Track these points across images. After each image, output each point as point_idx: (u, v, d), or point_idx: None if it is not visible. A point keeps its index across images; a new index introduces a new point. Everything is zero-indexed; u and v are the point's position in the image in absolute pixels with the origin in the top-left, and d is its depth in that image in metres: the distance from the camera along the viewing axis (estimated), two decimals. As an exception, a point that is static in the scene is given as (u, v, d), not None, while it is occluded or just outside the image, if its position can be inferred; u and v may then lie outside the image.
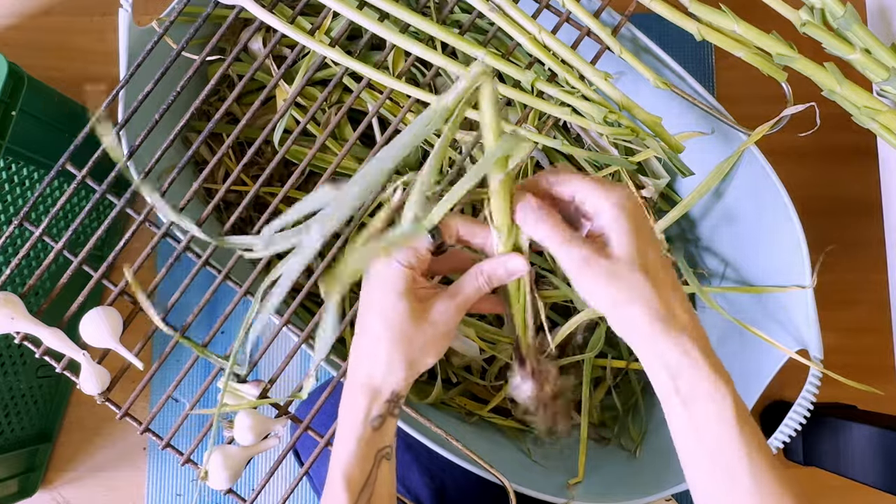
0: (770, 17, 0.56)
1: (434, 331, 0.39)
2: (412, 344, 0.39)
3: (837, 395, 0.93)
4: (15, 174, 0.77)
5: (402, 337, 0.39)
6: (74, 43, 1.03)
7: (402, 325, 0.39)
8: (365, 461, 0.40)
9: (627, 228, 0.37)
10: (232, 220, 0.56)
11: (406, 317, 0.39)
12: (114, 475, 0.99)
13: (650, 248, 0.38)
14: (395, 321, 0.39)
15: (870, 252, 1.04)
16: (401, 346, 0.39)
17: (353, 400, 0.40)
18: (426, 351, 0.40)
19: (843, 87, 0.54)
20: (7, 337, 0.80)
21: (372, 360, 0.40)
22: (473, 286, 0.40)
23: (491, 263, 0.40)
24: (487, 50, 0.56)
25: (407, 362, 0.39)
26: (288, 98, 0.58)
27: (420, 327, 0.39)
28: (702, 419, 0.37)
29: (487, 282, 0.40)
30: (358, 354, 0.41)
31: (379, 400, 0.40)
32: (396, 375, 0.40)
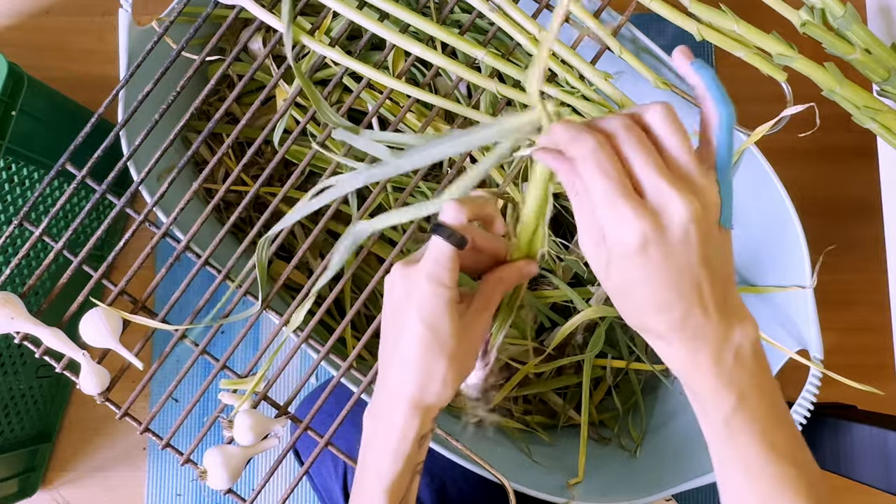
0: (770, 17, 0.56)
1: (475, 344, 0.40)
2: (462, 361, 0.39)
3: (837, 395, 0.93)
4: (15, 174, 0.77)
5: (454, 355, 0.39)
6: (74, 43, 1.03)
7: (451, 345, 0.38)
8: (405, 476, 0.40)
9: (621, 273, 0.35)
10: (232, 220, 0.56)
11: (455, 336, 0.38)
12: (114, 475, 0.99)
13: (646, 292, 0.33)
14: (448, 341, 0.38)
15: (870, 252, 1.04)
16: (454, 365, 0.39)
17: (401, 416, 0.40)
18: (468, 365, 0.41)
19: (843, 87, 0.54)
20: (7, 337, 0.80)
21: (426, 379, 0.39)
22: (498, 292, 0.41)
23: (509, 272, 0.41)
24: (487, 50, 0.56)
25: (458, 379, 0.40)
26: (288, 98, 0.58)
27: (465, 343, 0.39)
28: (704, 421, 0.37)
29: (506, 288, 0.41)
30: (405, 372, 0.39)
31: (429, 417, 0.40)
32: (449, 393, 0.40)
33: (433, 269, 0.38)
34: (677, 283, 0.32)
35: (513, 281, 0.41)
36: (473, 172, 0.39)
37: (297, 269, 0.84)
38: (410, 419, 0.40)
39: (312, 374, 0.55)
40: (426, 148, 0.42)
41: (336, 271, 0.49)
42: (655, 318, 0.34)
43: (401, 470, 0.40)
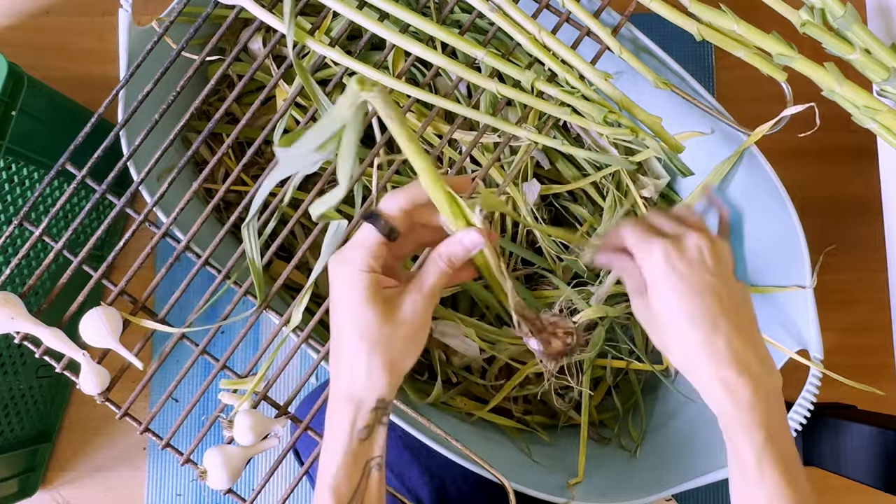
0: (770, 17, 0.56)
1: (408, 329, 0.38)
2: (389, 347, 0.38)
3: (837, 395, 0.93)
4: (15, 174, 0.77)
5: (377, 342, 0.38)
6: (74, 43, 1.03)
7: (375, 330, 0.38)
8: (353, 473, 0.39)
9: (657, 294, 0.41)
10: (232, 219, 0.56)
11: (377, 321, 0.38)
12: (114, 475, 0.99)
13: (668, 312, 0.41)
14: (368, 328, 0.38)
15: (870, 252, 1.04)
16: (378, 352, 0.38)
17: (338, 411, 0.39)
18: (405, 351, 0.39)
19: (843, 87, 0.54)
20: (7, 337, 0.80)
21: (351, 370, 0.39)
22: (436, 272, 0.39)
23: (447, 245, 0.39)
24: (487, 50, 0.56)
25: (387, 367, 0.38)
26: (288, 98, 0.58)
27: (394, 329, 0.38)
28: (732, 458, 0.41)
29: (449, 264, 0.39)
30: (336, 365, 0.40)
31: (363, 410, 0.39)
32: (378, 382, 0.38)
33: (350, 256, 0.38)
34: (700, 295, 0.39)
35: (454, 252, 0.39)
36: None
37: (297, 269, 0.84)
38: (343, 413, 0.39)
39: (312, 374, 0.55)
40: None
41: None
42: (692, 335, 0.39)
43: (342, 465, 0.39)
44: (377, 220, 0.38)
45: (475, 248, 0.39)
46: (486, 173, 0.59)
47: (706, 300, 0.39)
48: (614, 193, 0.78)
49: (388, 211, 0.38)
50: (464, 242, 0.39)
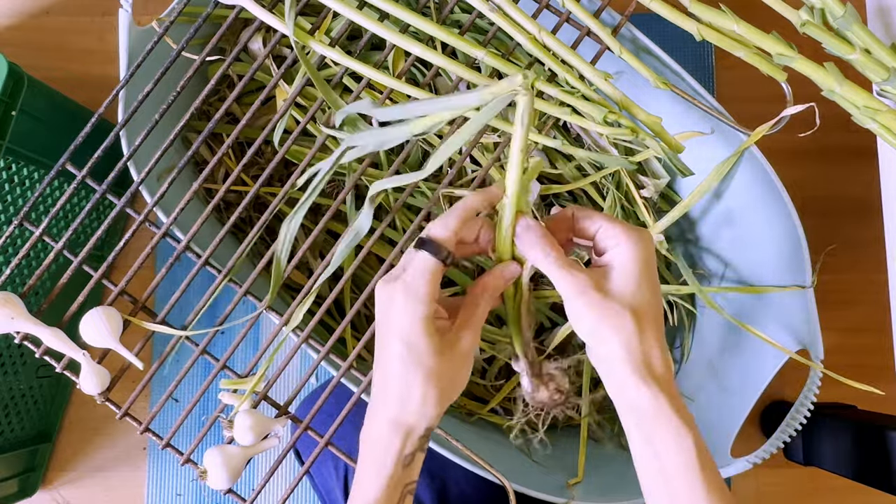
0: (770, 17, 0.56)
1: (461, 362, 0.39)
2: (443, 379, 0.39)
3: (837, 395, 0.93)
4: (15, 174, 0.77)
5: (432, 373, 0.38)
6: (74, 43, 1.03)
7: (431, 361, 0.38)
8: (391, 498, 0.40)
9: (633, 267, 0.39)
10: (232, 220, 0.56)
11: (433, 352, 0.38)
12: (114, 475, 0.99)
13: (649, 292, 0.39)
14: (424, 358, 0.38)
15: (870, 252, 1.04)
16: (433, 383, 0.38)
17: (384, 436, 0.40)
18: (456, 382, 0.40)
19: (843, 87, 0.54)
20: (7, 337, 0.80)
21: (404, 398, 0.39)
22: (484, 308, 0.40)
23: (490, 278, 0.41)
24: (487, 50, 0.56)
25: (441, 398, 0.39)
26: (288, 98, 0.58)
27: (449, 361, 0.39)
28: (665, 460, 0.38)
29: (493, 296, 0.41)
30: (384, 390, 0.40)
31: (412, 437, 0.39)
32: (431, 411, 0.39)
33: (412, 285, 0.38)
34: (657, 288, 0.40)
35: (497, 286, 0.41)
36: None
37: (297, 269, 0.84)
38: (391, 439, 0.39)
39: (312, 374, 0.55)
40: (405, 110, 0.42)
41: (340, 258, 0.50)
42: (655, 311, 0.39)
43: (384, 491, 0.39)
44: (433, 246, 0.38)
45: (513, 278, 0.41)
46: (486, 173, 0.59)
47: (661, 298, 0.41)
48: (614, 193, 0.78)
49: (441, 236, 0.39)
50: (505, 275, 0.41)
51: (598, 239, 0.41)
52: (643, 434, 0.39)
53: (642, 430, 0.39)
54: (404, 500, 0.40)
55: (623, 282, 0.38)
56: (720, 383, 0.75)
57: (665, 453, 0.38)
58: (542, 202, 0.82)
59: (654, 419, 0.38)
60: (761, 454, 0.61)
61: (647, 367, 0.38)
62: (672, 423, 0.38)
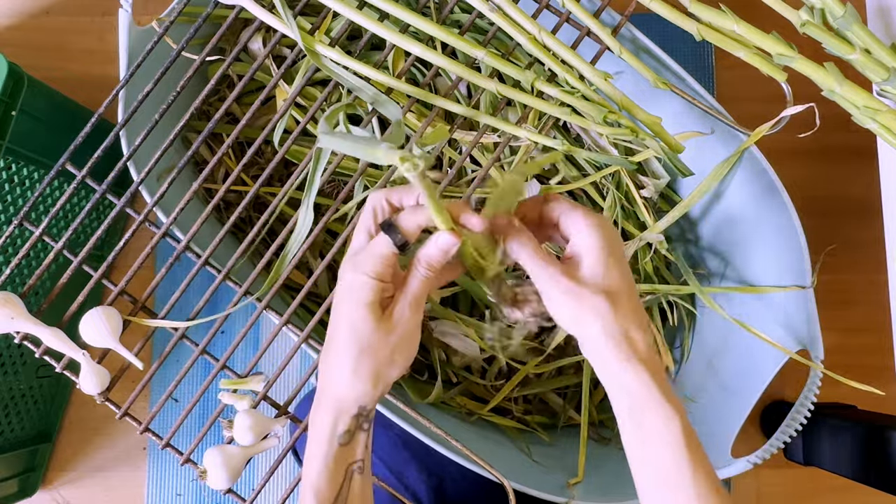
0: (770, 17, 0.56)
1: (396, 337, 0.39)
2: (378, 356, 0.39)
3: (837, 395, 0.93)
4: (15, 174, 0.77)
5: (367, 349, 0.39)
6: (74, 43, 1.03)
7: (368, 337, 0.38)
8: (335, 477, 0.40)
9: (599, 252, 0.39)
10: (232, 219, 0.56)
11: (372, 328, 0.38)
12: (114, 475, 0.99)
13: (618, 273, 0.40)
14: (362, 334, 0.38)
15: (870, 252, 1.04)
16: (366, 359, 0.39)
17: (320, 415, 0.40)
18: (392, 360, 0.39)
19: (843, 87, 0.54)
20: (7, 337, 0.80)
21: (338, 375, 0.39)
22: (418, 279, 0.40)
23: (424, 249, 0.40)
24: (487, 50, 0.56)
25: (373, 375, 0.39)
26: (288, 98, 0.58)
27: (383, 336, 0.39)
28: (653, 441, 0.39)
29: (428, 268, 0.40)
30: (325, 369, 0.41)
31: (345, 415, 0.39)
32: (362, 389, 0.39)
33: (363, 261, 0.39)
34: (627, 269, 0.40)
35: (432, 256, 0.40)
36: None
37: (296, 269, 0.84)
38: (324, 418, 0.40)
39: (312, 373, 0.55)
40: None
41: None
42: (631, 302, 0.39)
43: (324, 468, 0.39)
44: (395, 232, 0.39)
45: (449, 249, 0.39)
46: (486, 173, 0.59)
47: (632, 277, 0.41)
48: (614, 193, 0.78)
49: (406, 227, 0.39)
50: (438, 244, 0.39)
51: (561, 227, 0.41)
52: (633, 419, 0.39)
53: (632, 415, 0.39)
54: (351, 478, 0.40)
55: (591, 267, 0.39)
56: (720, 383, 0.75)
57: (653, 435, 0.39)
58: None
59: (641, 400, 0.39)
60: (761, 454, 0.61)
61: (630, 344, 0.39)
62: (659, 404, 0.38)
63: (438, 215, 0.39)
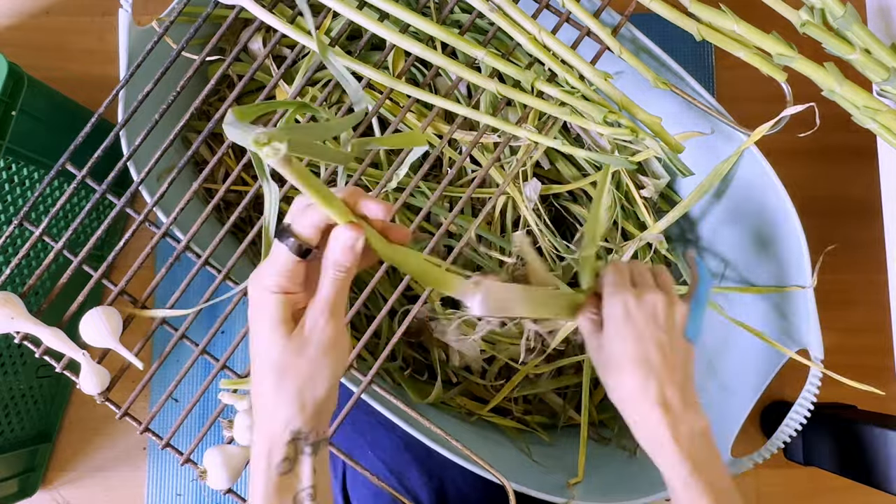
0: (770, 17, 0.56)
1: (315, 350, 0.35)
2: (296, 375, 0.35)
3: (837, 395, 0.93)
4: (15, 174, 0.77)
5: (283, 371, 0.35)
6: (74, 43, 1.03)
7: (279, 359, 0.35)
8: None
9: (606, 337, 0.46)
10: (232, 219, 0.56)
11: (282, 349, 0.35)
12: (114, 475, 0.99)
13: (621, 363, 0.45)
14: (273, 356, 0.35)
15: (870, 252, 1.04)
16: (285, 382, 0.35)
17: (256, 446, 0.37)
18: (314, 375, 0.36)
19: (843, 87, 0.54)
20: (7, 337, 0.80)
21: (261, 403, 0.36)
22: (329, 282, 0.36)
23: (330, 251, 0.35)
24: (487, 50, 0.56)
25: (296, 396, 0.35)
26: (288, 98, 0.58)
27: (298, 353, 0.35)
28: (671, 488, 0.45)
29: (338, 268, 0.35)
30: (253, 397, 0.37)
31: (278, 443, 0.36)
32: (287, 413, 0.36)
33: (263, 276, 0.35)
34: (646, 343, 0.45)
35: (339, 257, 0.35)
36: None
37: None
38: (259, 450, 0.36)
39: (312, 374, 0.55)
40: None
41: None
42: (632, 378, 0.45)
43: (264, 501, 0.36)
44: (287, 238, 0.35)
45: (353, 244, 0.35)
46: (486, 173, 0.59)
47: (650, 349, 0.45)
48: (614, 193, 0.78)
49: (300, 230, 0.35)
50: (339, 241, 0.35)
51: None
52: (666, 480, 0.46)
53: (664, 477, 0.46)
54: None
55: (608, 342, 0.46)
56: (720, 383, 0.75)
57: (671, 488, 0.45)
58: (543, 202, 0.82)
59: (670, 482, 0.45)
60: (761, 454, 0.61)
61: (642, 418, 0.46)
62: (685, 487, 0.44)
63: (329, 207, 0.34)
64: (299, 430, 0.36)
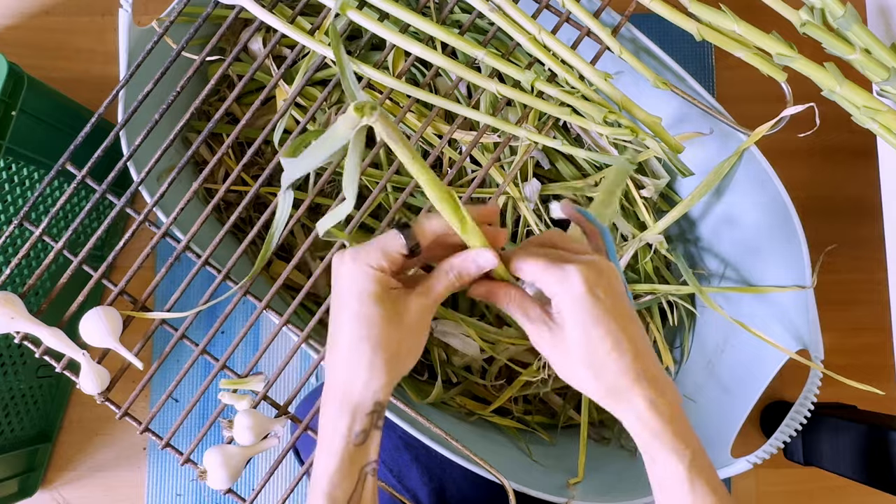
0: (770, 17, 0.56)
1: (410, 332, 0.38)
2: (390, 349, 0.37)
3: (837, 395, 0.93)
4: (15, 174, 0.77)
5: (379, 343, 0.37)
6: (74, 43, 1.03)
7: (378, 330, 0.37)
8: (349, 479, 0.38)
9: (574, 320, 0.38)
10: (232, 219, 0.56)
11: (382, 322, 0.37)
12: (114, 475, 0.99)
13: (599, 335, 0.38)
14: (371, 327, 0.37)
15: (870, 252, 1.04)
16: (380, 353, 0.37)
17: (333, 414, 0.38)
18: (405, 354, 0.38)
19: (843, 87, 0.54)
20: (7, 337, 0.80)
21: (351, 371, 0.38)
22: (444, 283, 0.39)
23: (461, 258, 0.39)
24: (487, 50, 0.56)
25: (388, 369, 0.37)
26: (288, 98, 0.58)
27: (397, 331, 0.37)
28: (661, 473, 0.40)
29: (458, 278, 0.39)
30: (334, 367, 0.39)
31: (360, 413, 0.38)
32: (377, 384, 0.37)
33: (367, 254, 0.37)
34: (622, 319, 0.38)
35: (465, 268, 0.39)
36: None
37: (297, 270, 0.84)
38: (340, 414, 0.38)
39: (312, 373, 0.55)
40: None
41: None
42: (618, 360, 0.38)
43: (337, 471, 0.38)
44: (408, 234, 0.38)
45: (485, 268, 0.39)
46: (486, 173, 0.59)
47: (627, 325, 0.38)
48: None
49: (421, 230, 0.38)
50: (477, 261, 0.39)
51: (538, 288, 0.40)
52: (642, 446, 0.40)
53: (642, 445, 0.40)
54: (365, 481, 0.39)
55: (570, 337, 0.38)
56: (720, 383, 0.75)
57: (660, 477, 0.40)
58: (543, 202, 0.82)
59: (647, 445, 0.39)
60: (761, 454, 0.61)
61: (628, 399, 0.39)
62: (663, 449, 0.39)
63: (469, 234, 0.38)
64: (380, 403, 0.38)
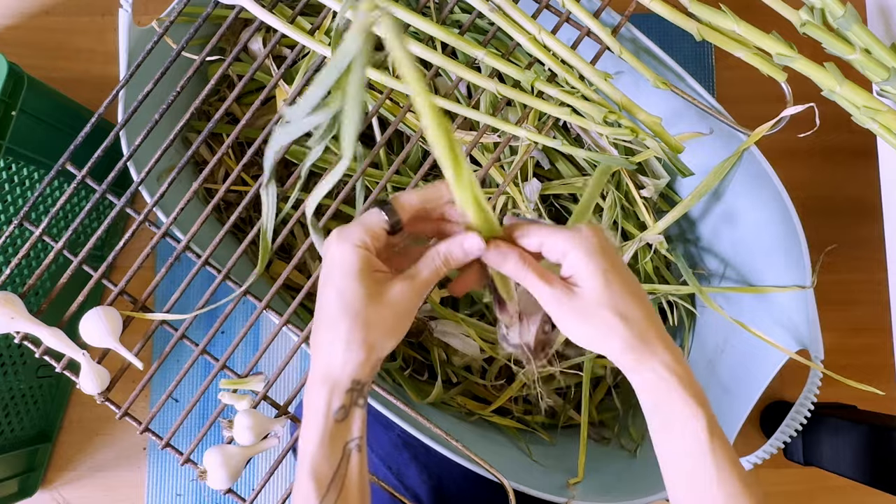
0: (770, 17, 0.56)
1: (392, 313, 0.38)
2: (370, 327, 0.37)
3: (837, 395, 0.93)
4: (15, 174, 0.77)
5: (358, 320, 0.37)
6: (74, 43, 1.03)
7: (358, 307, 0.37)
8: (332, 455, 0.39)
9: (594, 270, 0.38)
10: (232, 219, 0.56)
11: (362, 298, 0.37)
12: (114, 475, 0.99)
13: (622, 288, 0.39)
14: (352, 304, 0.37)
15: (870, 252, 1.04)
16: (358, 330, 0.37)
17: (314, 392, 0.39)
18: (385, 334, 0.38)
19: (843, 87, 0.54)
20: (7, 337, 0.80)
21: (329, 349, 0.38)
22: (431, 268, 0.39)
23: (448, 244, 0.39)
24: (487, 50, 0.56)
25: (366, 346, 0.38)
26: (288, 98, 0.58)
27: (377, 310, 0.37)
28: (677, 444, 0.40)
29: (444, 263, 0.39)
30: (316, 344, 0.39)
31: (339, 389, 0.38)
32: (355, 361, 0.38)
33: (350, 232, 0.38)
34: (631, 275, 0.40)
35: (452, 253, 0.39)
36: None
37: (297, 270, 0.84)
38: (320, 392, 0.38)
39: (312, 374, 0.55)
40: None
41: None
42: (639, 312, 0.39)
43: (320, 446, 0.38)
44: (389, 209, 0.38)
45: (472, 254, 0.39)
46: (486, 173, 0.59)
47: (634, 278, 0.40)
48: (614, 193, 0.78)
49: (399, 205, 0.39)
50: (464, 245, 0.39)
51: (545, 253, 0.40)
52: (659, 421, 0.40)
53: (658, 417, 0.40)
54: (349, 457, 0.39)
55: (595, 290, 0.38)
56: (720, 383, 0.75)
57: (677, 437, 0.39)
58: (543, 202, 0.82)
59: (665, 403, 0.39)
60: (761, 454, 0.62)
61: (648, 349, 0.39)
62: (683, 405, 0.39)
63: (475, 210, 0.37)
64: (359, 381, 0.38)
